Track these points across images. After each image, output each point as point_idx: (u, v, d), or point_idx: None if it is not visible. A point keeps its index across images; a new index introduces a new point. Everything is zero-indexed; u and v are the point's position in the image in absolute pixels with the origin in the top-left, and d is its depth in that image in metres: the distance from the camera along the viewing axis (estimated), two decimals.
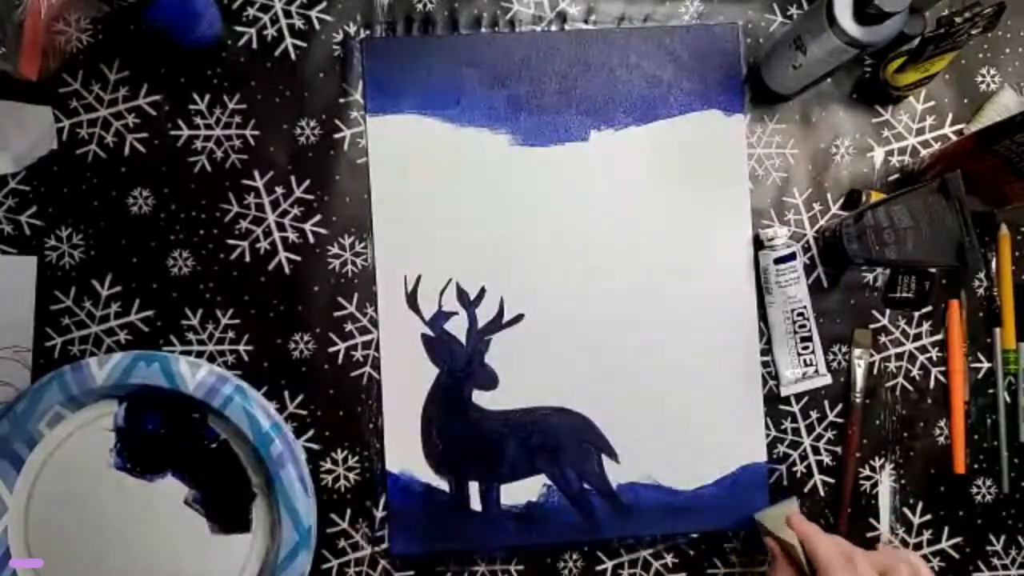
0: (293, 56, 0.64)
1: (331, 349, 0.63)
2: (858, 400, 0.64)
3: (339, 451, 0.63)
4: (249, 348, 0.63)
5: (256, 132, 0.63)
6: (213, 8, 0.60)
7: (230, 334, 0.63)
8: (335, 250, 0.63)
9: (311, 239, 0.63)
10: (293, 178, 0.63)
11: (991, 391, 0.66)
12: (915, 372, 0.66)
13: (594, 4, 0.66)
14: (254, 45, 0.64)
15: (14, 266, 0.62)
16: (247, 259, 0.63)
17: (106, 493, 0.58)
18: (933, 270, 0.65)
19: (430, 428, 0.63)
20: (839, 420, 0.65)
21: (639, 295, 0.64)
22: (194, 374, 0.57)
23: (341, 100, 0.64)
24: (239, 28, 0.64)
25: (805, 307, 0.63)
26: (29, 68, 0.61)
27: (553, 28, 0.65)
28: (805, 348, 0.64)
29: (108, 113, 0.63)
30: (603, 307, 0.64)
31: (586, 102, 0.65)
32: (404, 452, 0.63)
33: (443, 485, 0.63)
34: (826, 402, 0.65)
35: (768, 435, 0.65)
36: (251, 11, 0.64)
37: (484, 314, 0.63)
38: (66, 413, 0.58)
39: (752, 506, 0.63)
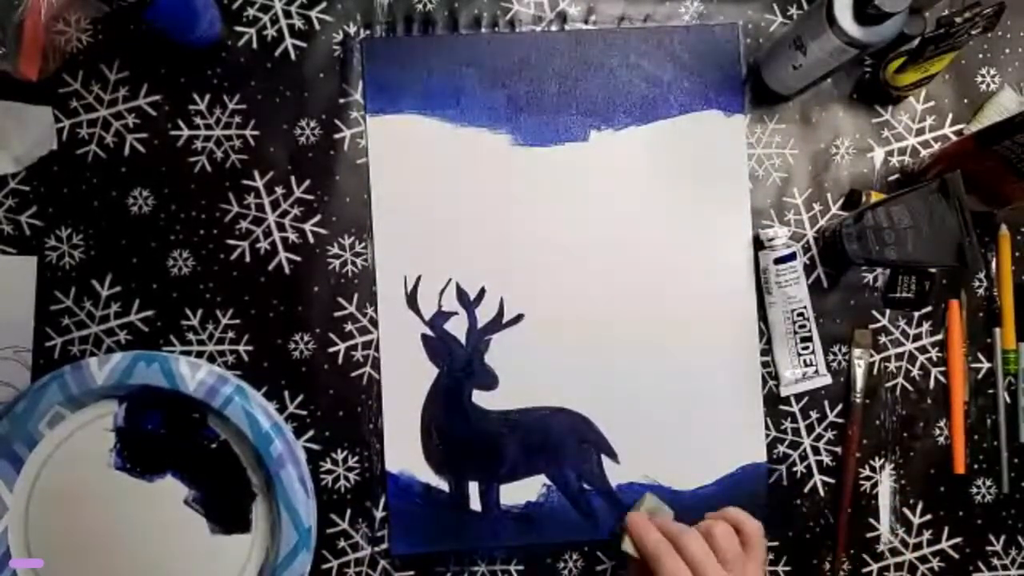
0: (293, 56, 0.64)
1: (331, 349, 0.63)
2: (858, 400, 0.64)
3: (339, 451, 0.63)
4: (249, 348, 0.63)
5: (256, 132, 0.63)
6: (213, 8, 0.60)
7: (230, 334, 0.63)
8: (335, 250, 0.63)
9: (311, 239, 0.63)
10: (293, 178, 0.63)
11: (991, 391, 0.66)
12: (915, 372, 0.66)
13: (594, 4, 0.66)
14: (254, 45, 0.64)
15: (14, 266, 0.62)
16: (247, 259, 0.63)
17: (106, 493, 0.58)
18: (933, 270, 0.65)
19: (430, 428, 0.63)
20: (839, 420, 0.65)
21: (639, 295, 0.64)
22: (194, 374, 0.57)
23: (341, 100, 0.64)
24: (239, 28, 0.64)
25: (805, 307, 0.63)
26: (29, 68, 0.60)
27: (553, 28, 0.65)
28: (805, 348, 0.64)
29: (108, 113, 0.63)
30: (603, 307, 0.64)
31: (586, 102, 0.65)
32: (404, 452, 0.63)
33: (443, 485, 0.63)
34: (826, 402, 0.65)
35: (768, 435, 0.65)
36: (251, 11, 0.64)
37: (484, 314, 0.63)
38: (66, 413, 0.58)
39: (752, 506, 0.63)
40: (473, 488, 0.63)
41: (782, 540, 0.65)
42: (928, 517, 0.65)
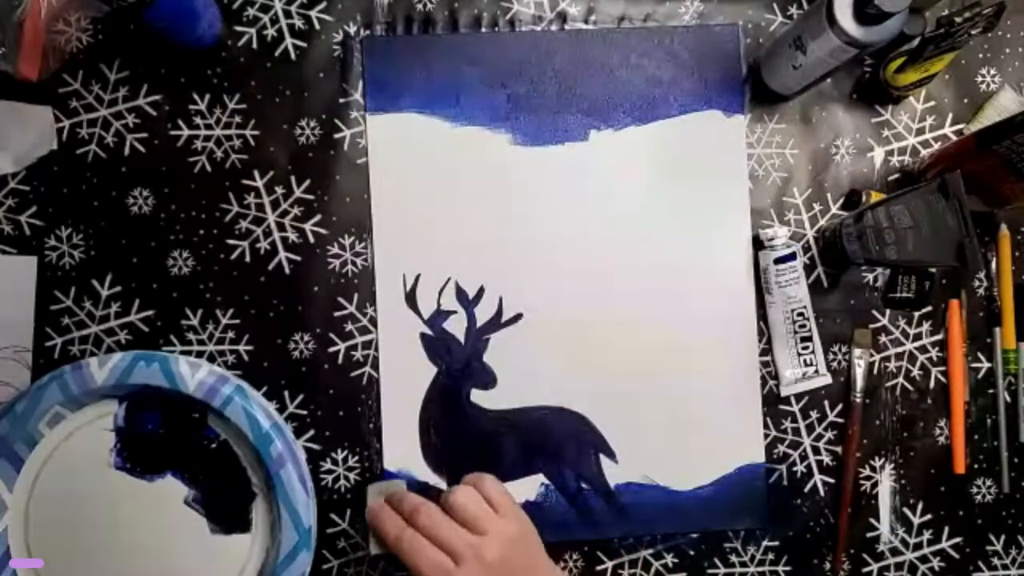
0: (293, 56, 0.64)
1: (331, 349, 0.63)
2: (858, 400, 0.64)
3: (339, 451, 0.63)
4: (249, 348, 0.63)
5: (256, 132, 0.63)
6: (213, 8, 0.60)
7: (230, 334, 0.63)
8: (335, 250, 0.63)
9: (311, 239, 0.63)
10: (293, 178, 0.63)
11: (991, 391, 0.66)
12: (915, 372, 0.66)
13: (594, 4, 0.66)
14: (254, 45, 0.64)
15: (14, 266, 0.62)
16: (247, 259, 0.63)
17: (106, 493, 0.58)
18: (933, 270, 0.65)
19: (428, 427, 0.63)
20: (839, 420, 0.65)
21: (638, 295, 0.64)
22: (194, 374, 0.57)
23: (341, 100, 0.64)
24: (239, 28, 0.64)
25: (805, 307, 0.63)
26: (29, 68, 0.61)
27: (553, 28, 0.65)
28: (805, 348, 0.64)
29: (108, 113, 0.63)
30: (602, 307, 0.64)
31: (586, 102, 0.65)
32: (402, 450, 0.63)
33: (441, 484, 0.63)
34: (826, 402, 0.65)
35: (768, 435, 0.65)
36: (251, 11, 0.64)
37: (483, 313, 0.63)
38: (66, 413, 0.58)
39: (751, 506, 0.64)
40: None
41: (782, 540, 0.65)
42: (928, 517, 0.65)
